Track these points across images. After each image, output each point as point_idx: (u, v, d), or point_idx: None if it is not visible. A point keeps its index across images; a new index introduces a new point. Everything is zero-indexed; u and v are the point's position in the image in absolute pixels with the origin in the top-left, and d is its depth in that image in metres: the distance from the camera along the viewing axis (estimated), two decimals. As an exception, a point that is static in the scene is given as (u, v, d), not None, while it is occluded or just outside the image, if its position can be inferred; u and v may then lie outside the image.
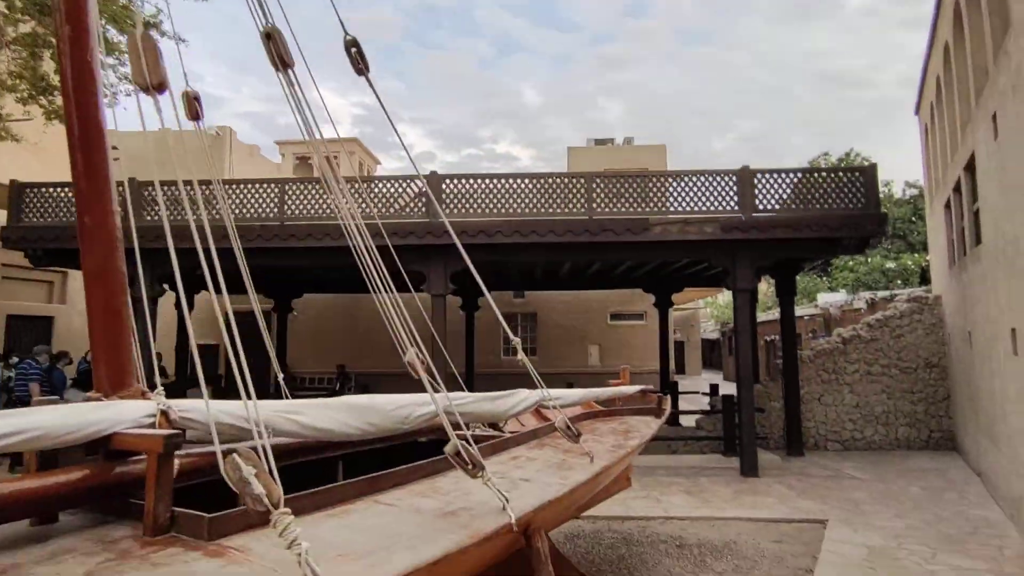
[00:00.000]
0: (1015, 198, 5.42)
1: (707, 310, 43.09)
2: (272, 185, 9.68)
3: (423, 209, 9.35)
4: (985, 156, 6.60)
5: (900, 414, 10.67)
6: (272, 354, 3.99)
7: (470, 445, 2.12)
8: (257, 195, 9.55)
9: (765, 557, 5.50)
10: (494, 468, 2.87)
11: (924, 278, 23.32)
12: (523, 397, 3.85)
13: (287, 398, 3.10)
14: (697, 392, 13.65)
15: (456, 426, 2.28)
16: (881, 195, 32.97)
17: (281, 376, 4.52)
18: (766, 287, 38.50)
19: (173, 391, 3.13)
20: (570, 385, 6.59)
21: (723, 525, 6.44)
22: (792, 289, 10.88)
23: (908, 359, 10.77)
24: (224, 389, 13.96)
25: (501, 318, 3.94)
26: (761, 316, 29.38)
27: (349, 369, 18.31)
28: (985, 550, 5.55)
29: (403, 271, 4.24)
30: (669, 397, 6.02)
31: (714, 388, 12.17)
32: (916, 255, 25.52)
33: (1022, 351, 5.60)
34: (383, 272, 3.25)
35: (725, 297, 39.53)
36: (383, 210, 9.32)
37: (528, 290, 17.10)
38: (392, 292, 3.51)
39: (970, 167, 7.67)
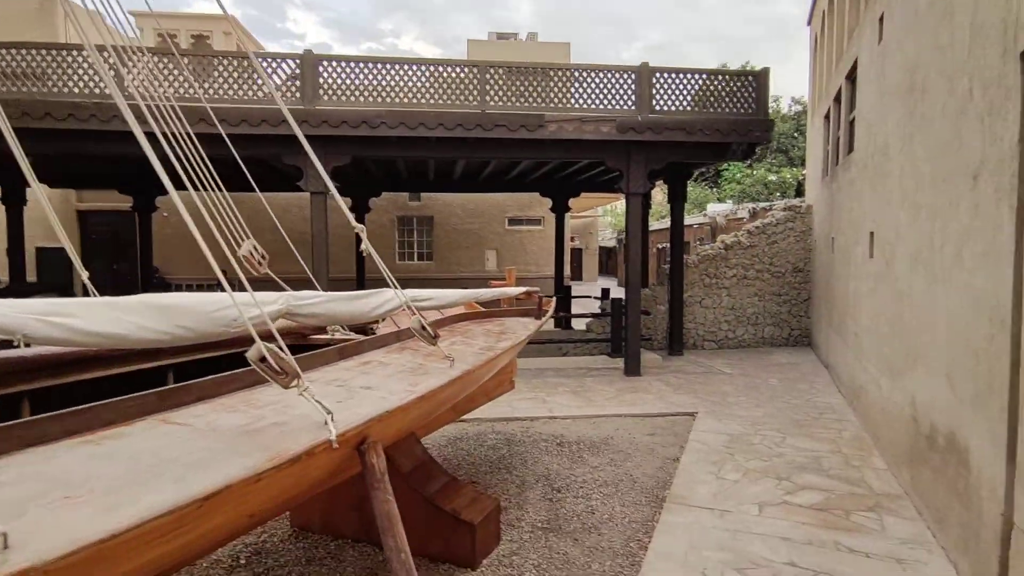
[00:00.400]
0: (890, 103, 5.51)
1: (606, 218, 44.24)
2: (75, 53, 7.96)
3: (296, 95, 8.28)
4: (868, 62, 6.67)
5: (768, 315, 11.51)
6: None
7: (281, 349, 1.74)
8: (63, 64, 7.89)
9: (639, 450, 5.75)
10: (336, 375, 2.52)
11: (799, 191, 25.00)
12: (387, 297, 3.45)
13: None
14: (590, 296, 14.01)
15: (267, 335, 1.87)
16: (770, 108, 34.33)
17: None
18: (661, 198, 39.91)
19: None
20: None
21: (603, 422, 6.67)
22: (683, 195, 11.05)
23: (779, 264, 11.49)
24: (76, 294, 12.44)
25: (351, 218, 3.41)
26: (654, 224, 30.44)
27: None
28: (827, 433, 6.14)
29: (278, 166, 3.58)
30: (554, 300, 5.90)
31: (605, 292, 12.47)
32: (795, 169, 27.12)
33: (877, 254, 5.95)
34: (198, 164, 2.64)
35: (623, 205, 40.66)
36: (247, 93, 8.15)
37: (423, 191, 16.35)
38: (219, 189, 2.93)
39: (851, 76, 7.82)
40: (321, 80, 8.30)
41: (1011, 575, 2.85)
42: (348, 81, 8.43)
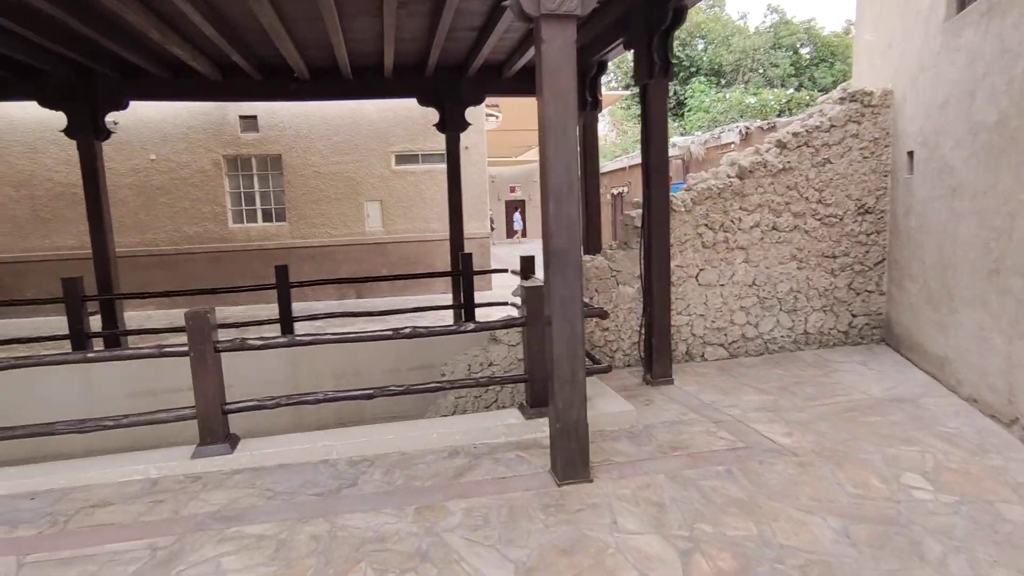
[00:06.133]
0: None
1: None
2: None
3: None
4: None
5: (814, 292, 6.44)
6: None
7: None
8: None
9: None
10: None
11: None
12: None
13: None
14: (505, 271, 8.60)
15: None
16: (736, 26, 29.03)
17: None
18: (615, 136, 34.46)
19: None
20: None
21: None
22: (662, 93, 5.62)
23: (834, 201, 6.37)
24: None
25: None
26: (608, 164, 25.15)
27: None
28: None
29: None
30: None
31: (527, 263, 7.14)
32: (776, 90, 22.08)
33: None
34: None
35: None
36: None
37: (238, 97, 10.34)
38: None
39: None
40: None
41: None
42: None
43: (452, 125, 8.25)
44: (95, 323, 7.51)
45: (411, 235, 12.41)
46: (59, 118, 7.42)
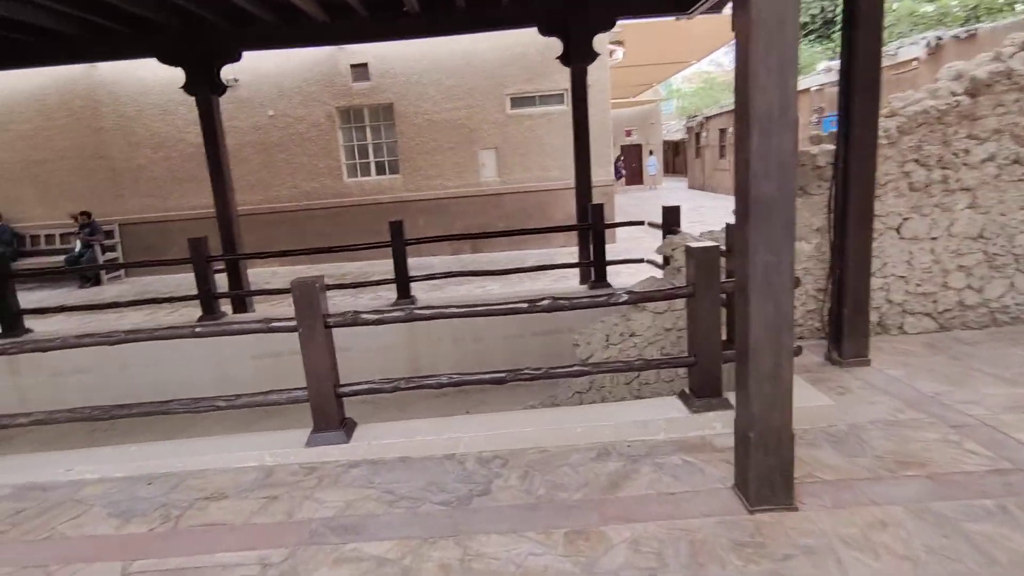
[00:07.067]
0: None
1: (672, 102, 35.83)
2: None
3: None
4: None
5: (1065, 246, 4.85)
6: None
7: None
8: None
9: None
10: None
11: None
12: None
13: None
14: (641, 223, 7.49)
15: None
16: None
17: None
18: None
19: None
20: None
21: None
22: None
23: (1107, 122, 4.65)
24: None
25: None
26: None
27: (101, 218, 11.64)
28: None
29: None
30: None
31: (671, 215, 6.06)
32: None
33: None
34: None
35: (695, 80, 32.14)
36: None
37: (347, 39, 9.83)
38: None
39: None
40: None
41: None
42: None
43: (578, 56, 7.18)
44: (222, 281, 7.54)
45: (528, 185, 11.60)
46: (181, 77, 7.30)
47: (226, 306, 7.59)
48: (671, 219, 5.95)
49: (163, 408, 3.53)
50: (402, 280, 6.97)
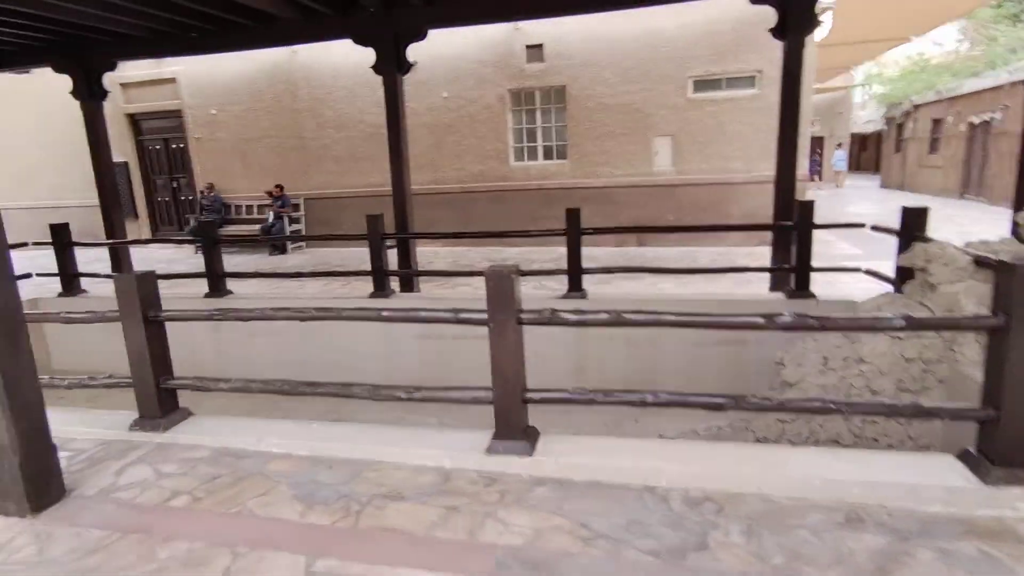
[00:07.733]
0: None
1: (865, 88, 31.62)
2: None
3: None
4: None
5: None
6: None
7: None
8: None
9: None
10: None
11: None
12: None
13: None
14: (859, 225, 6.26)
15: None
16: None
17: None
18: (966, 47, 26.42)
19: None
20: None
21: None
22: None
23: None
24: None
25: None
26: (965, 84, 19.37)
27: (290, 192, 12.63)
28: None
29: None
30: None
31: (917, 217, 4.93)
32: None
33: None
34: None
35: (902, 63, 27.95)
36: None
37: (528, 13, 9.44)
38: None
39: None
40: None
41: None
42: None
43: (796, 26, 6.16)
44: (392, 256, 7.68)
45: (706, 176, 10.59)
46: (369, 59, 7.47)
47: (394, 283, 7.71)
48: (913, 222, 4.83)
49: (346, 392, 3.41)
50: (575, 271, 6.53)
